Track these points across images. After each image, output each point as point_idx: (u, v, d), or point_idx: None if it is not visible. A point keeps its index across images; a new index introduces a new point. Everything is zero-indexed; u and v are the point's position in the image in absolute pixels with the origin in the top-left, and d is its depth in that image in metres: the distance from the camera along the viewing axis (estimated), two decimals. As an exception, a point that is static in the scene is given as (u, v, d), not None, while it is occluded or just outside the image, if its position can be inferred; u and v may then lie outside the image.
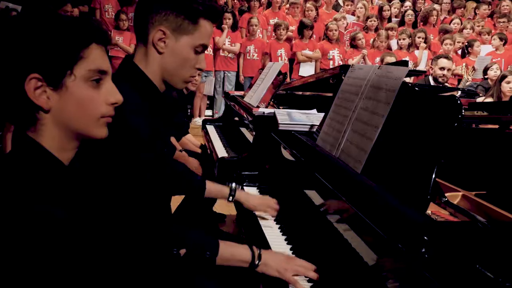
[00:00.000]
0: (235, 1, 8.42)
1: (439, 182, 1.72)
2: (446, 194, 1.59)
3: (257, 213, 2.09)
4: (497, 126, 2.27)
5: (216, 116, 7.13)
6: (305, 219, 1.92)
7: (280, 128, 2.43)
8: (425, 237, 1.05)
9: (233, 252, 1.51)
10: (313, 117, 2.49)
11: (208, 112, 7.73)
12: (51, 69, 0.99)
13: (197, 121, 7.07)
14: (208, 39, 1.56)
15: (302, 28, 7.15)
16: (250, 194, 2.17)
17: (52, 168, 1.03)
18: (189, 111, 7.34)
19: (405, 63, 2.87)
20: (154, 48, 1.50)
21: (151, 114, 1.52)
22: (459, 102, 1.23)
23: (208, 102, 7.77)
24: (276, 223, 2.00)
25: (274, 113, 2.60)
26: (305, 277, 1.49)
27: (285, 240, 1.84)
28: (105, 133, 1.11)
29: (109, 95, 1.09)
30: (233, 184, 2.11)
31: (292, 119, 2.45)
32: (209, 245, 1.49)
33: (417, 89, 1.46)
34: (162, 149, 1.70)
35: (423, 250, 1.02)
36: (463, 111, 1.22)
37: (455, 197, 1.60)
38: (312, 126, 2.39)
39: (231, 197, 2.09)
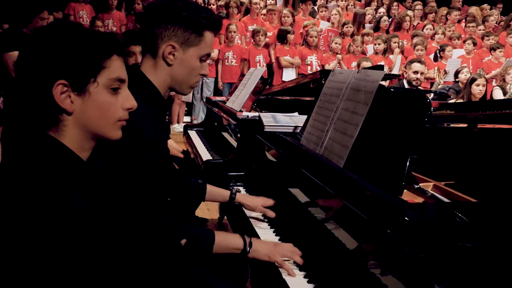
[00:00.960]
0: (213, 7, 8.55)
1: (414, 174, 1.89)
2: (420, 184, 1.76)
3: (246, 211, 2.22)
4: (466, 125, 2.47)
5: (194, 122, 7.23)
6: (290, 213, 2.07)
7: (265, 129, 2.57)
8: (399, 216, 1.21)
9: (227, 240, 1.67)
10: (296, 119, 2.64)
11: (187, 119, 7.82)
12: (77, 76, 1.12)
13: (176, 127, 7.17)
14: (211, 48, 1.73)
15: (286, 33, 7.31)
16: (250, 196, 2.26)
17: (74, 164, 1.15)
18: (167, 117, 7.44)
19: (380, 67, 3.05)
20: (164, 61, 1.65)
21: (155, 119, 1.65)
22: (428, 100, 1.40)
23: (186, 108, 7.88)
24: (265, 218, 2.14)
25: (259, 116, 2.74)
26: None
27: (274, 232, 1.98)
28: (120, 135, 1.24)
29: (126, 101, 1.22)
30: (235, 188, 2.24)
31: (276, 121, 2.60)
32: (206, 236, 1.65)
33: (392, 90, 1.62)
34: (165, 152, 1.84)
35: (398, 226, 1.18)
36: (431, 108, 1.38)
37: (427, 186, 1.76)
38: (295, 127, 2.54)
39: (232, 199, 2.20)
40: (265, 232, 1.99)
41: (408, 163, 1.37)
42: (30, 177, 1.07)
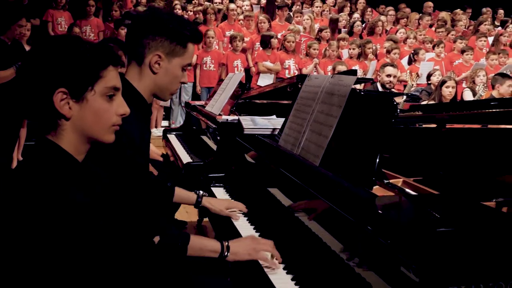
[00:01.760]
0: (191, 13, 8.65)
1: (385, 172, 2.02)
2: (390, 180, 1.89)
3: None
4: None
5: (172, 126, 7.29)
6: (269, 211, 2.18)
7: (245, 132, 2.69)
8: (369, 208, 1.33)
9: (203, 243, 1.71)
10: (275, 121, 2.76)
11: (165, 123, 7.87)
12: (76, 85, 1.23)
13: (154, 132, 7.22)
14: (192, 58, 1.86)
15: (270, 38, 7.44)
16: (216, 199, 2.34)
17: (71, 165, 1.25)
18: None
19: (354, 72, 3.19)
20: (149, 69, 1.75)
21: (140, 124, 1.75)
22: (394, 102, 1.53)
23: (164, 113, 7.94)
24: (244, 216, 2.24)
25: (238, 119, 2.85)
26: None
27: (254, 229, 2.09)
28: (113, 138, 1.34)
29: (119, 107, 1.33)
30: (201, 192, 2.31)
31: (255, 124, 2.72)
32: (181, 236, 1.70)
33: (362, 93, 1.75)
34: (147, 155, 1.94)
35: (368, 217, 1.31)
36: (398, 110, 1.52)
37: (397, 182, 1.89)
38: (274, 129, 2.66)
39: (198, 203, 2.27)
40: (245, 229, 2.09)
41: (377, 160, 1.49)
42: (32, 178, 1.16)
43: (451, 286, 1.13)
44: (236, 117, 3.04)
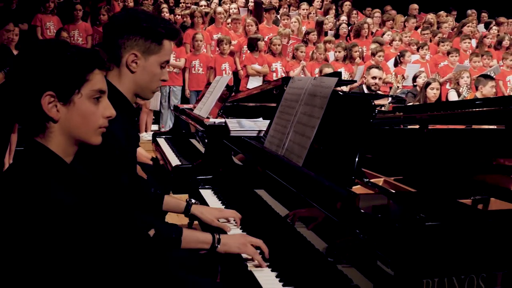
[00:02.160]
0: (178, 17, 8.69)
1: (367, 172, 2.08)
2: (372, 180, 1.95)
3: None
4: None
5: (162, 130, 7.32)
6: (256, 212, 2.23)
7: (231, 134, 2.74)
8: (349, 206, 1.39)
9: (196, 235, 1.80)
10: (260, 123, 2.81)
11: (155, 127, 7.90)
12: (64, 88, 1.27)
13: (144, 135, 7.25)
14: (170, 55, 1.90)
15: (257, 41, 7.50)
16: (206, 208, 2.30)
17: (59, 166, 1.29)
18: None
19: (338, 74, 3.25)
20: (127, 69, 1.80)
21: (125, 125, 1.80)
22: (373, 103, 1.59)
23: (153, 117, 7.97)
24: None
25: (225, 122, 2.90)
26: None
27: (241, 229, 2.14)
28: (100, 140, 1.39)
29: (106, 110, 1.37)
30: (192, 200, 2.28)
31: (242, 126, 2.77)
32: (174, 229, 1.79)
33: (341, 93, 1.81)
34: (133, 157, 1.98)
35: (348, 214, 1.36)
36: (376, 111, 1.57)
37: (378, 181, 1.95)
38: (259, 131, 2.71)
39: (187, 211, 2.23)
40: (233, 231, 2.14)
41: (357, 160, 1.55)
42: (21, 179, 1.21)
43: (425, 279, 1.19)
44: (223, 120, 3.08)
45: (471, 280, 1.23)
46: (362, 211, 1.38)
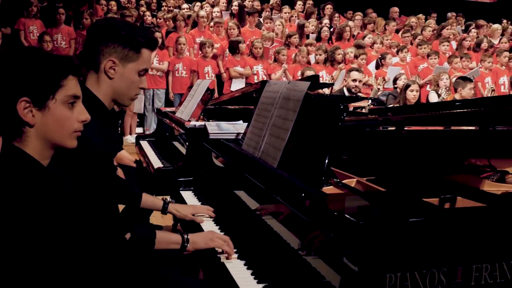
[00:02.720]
0: (161, 21, 8.72)
1: (342, 172, 2.15)
2: (345, 180, 2.02)
3: None
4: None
5: (147, 132, 7.35)
6: (235, 212, 2.28)
7: (210, 137, 2.79)
8: (319, 205, 1.45)
9: (167, 237, 1.89)
10: (239, 126, 2.87)
11: (139, 130, 7.92)
12: (38, 94, 1.32)
13: (129, 138, 7.26)
14: (148, 64, 1.94)
15: (237, 44, 7.56)
16: (182, 206, 2.42)
17: (36, 169, 1.34)
18: (119, 129, 7.54)
19: (315, 78, 3.32)
20: (106, 75, 1.84)
21: (102, 130, 1.84)
22: (341, 106, 1.65)
23: (138, 120, 7.99)
24: (212, 219, 2.34)
25: (204, 125, 2.95)
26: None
27: (219, 229, 2.19)
28: (76, 144, 1.44)
29: (80, 114, 1.42)
30: (168, 198, 2.41)
31: (220, 129, 2.82)
32: (148, 232, 1.87)
33: (313, 97, 1.87)
34: (111, 159, 2.03)
35: (317, 213, 1.42)
36: (344, 113, 1.64)
37: (351, 182, 2.01)
38: (238, 134, 2.77)
39: (164, 209, 2.36)
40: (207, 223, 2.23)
41: (326, 161, 1.61)
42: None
43: (388, 273, 1.25)
44: (203, 123, 3.13)
45: (433, 274, 1.29)
46: (329, 209, 1.44)
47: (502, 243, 1.38)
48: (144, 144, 4.46)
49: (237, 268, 1.74)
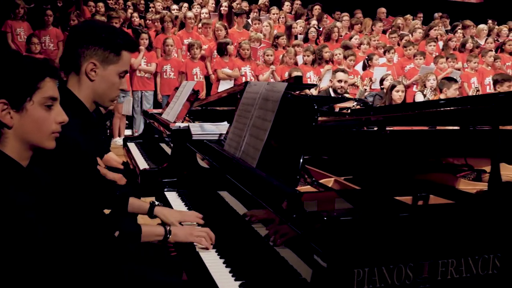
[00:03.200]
0: (149, 22, 8.74)
1: (320, 172, 2.19)
2: (323, 180, 2.06)
3: None
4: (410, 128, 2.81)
5: (136, 134, 7.36)
6: (216, 211, 2.32)
7: (193, 138, 2.83)
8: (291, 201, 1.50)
9: (151, 230, 1.99)
10: (222, 127, 2.91)
11: (128, 132, 7.93)
12: (16, 96, 1.35)
13: (117, 141, 7.27)
14: (128, 65, 2.00)
15: (226, 45, 7.59)
16: (169, 210, 2.39)
17: (15, 169, 1.37)
18: (108, 131, 7.56)
19: (297, 79, 3.36)
20: (86, 77, 1.88)
21: (82, 129, 1.87)
22: (315, 107, 1.70)
23: (127, 122, 8.00)
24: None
25: (188, 126, 2.99)
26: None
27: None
28: (54, 145, 1.47)
29: (58, 116, 1.46)
30: (156, 202, 2.41)
31: (203, 130, 2.87)
32: (134, 228, 1.96)
33: (291, 98, 1.91)
34: (94, 160, 2.06)
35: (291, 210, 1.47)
36: (318, 114, 1.68)
37: (329, 181, 2.06)
38: (220, 134, 2.81)
39: (150, 212, 2.34)
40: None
41: (301, 161, 1.66)
42: None
43: (356, 269, 1.29)
44: (187, 124, 3.17)
45: (400, 269, 1.34)
46: (302, 207, 1.48)
47: (467, 239, 1.43)
48: (132, 146, 4.49)
49: (216, 266, 1.77)
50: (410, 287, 1.34)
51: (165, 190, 2.90)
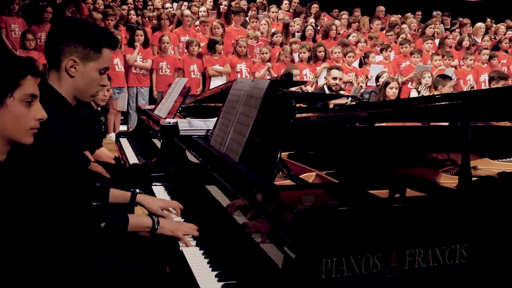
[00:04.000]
0: (146, 19, 8.77)
1: (303, 166, 2.23)
2: (305, 174, 2.09)
3: None
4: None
5: (131, 130, 7.39)
6: (202, 205, 2.35)
7: (181, 133, 2.87)
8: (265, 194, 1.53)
9: (139, 221, 2.01)
10: (210, 123, 2.93)
11: (123, 128, 7.97)
12: None
13: (112, 136, 7.32)
14: (109, 62, 2.02)
15: (214, 44, 7.63)
16: (152, 198, 2.44)
17: None
18: (103, 127, 7.61)
19: (288, 76, 3.39)
20: (67, 73, 1.91)
21: (64, 123, 1.90)
22: (293, 104, 1.73)
23: (122, 118, 8.04)
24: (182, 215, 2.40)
25: (176, 122, 3.03)
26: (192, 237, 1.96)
27: (182, 219, 2.27)
28: (32, 140, 1.51)
29: (37, 112, 1.50)
30: (137, 190, 2.44)
31: (191, 126, 2.90)
32: (122, 218, 1.97)
33: (274, 96, 1.94)
34: (77, 153, 2.09)
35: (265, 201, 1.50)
36: (296, 111, 1.72)
37: (311, 175, 2.09)
38: (208, 130, 2.84)
39: (132, 200, 2.39)
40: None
41: (278, 156, 1.69)
42: None
43: (324, 258, 1.32)
44: (176, 120, 3.20)
45: (367, 259, 1.37)
46: (276, 200, 1.51)
47: (435, 230, 1.46)
48: (124, 141, 4.51)
49: (195, 258, 1.80)
50: (377, 275, 1.38)
51: (153, 184, 2.93)
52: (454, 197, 1.65)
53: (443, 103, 1.71)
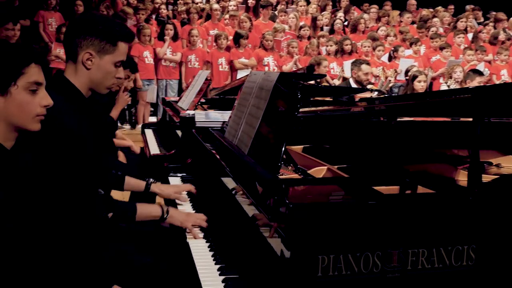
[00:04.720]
0: (176, 13, 8.85)
1: (316, 160, 2.20)
2: (316, 168, 2.07)
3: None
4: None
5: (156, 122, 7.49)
6: (216, 197, 2.35)
7: (197, 125, 2.89)
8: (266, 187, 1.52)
9: (148, 209, 2.07)
10: (226, 115, 2.93)
11: (153, 119, 8.07)
12: (1, 81, 1.40)
13: (140, 127, 7.43)
14: (124, 56, 2.04)
15: (239, 38, 7.66)
16: (165, 185, 2.59)
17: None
18: (133, 118, 7.73)
19: (310, 68, 3.36)
20: (83, 66, 1.95)
21: (76, 114, 1.93)
22: (299, 96, 1.70)
23: (152, 109, 8.14)
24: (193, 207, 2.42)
25: (194, 114, 3.04)
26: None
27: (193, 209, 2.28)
28: (39, 127, 1.53)
29: (42, 99, 1.51)
30: (151, 179, 2.54)
31: (208, 118, 2.91)
32: (129, 207, 2.04)
33: (282, 88, 1.92)
34: (91, 143, 2.11)
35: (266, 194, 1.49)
36: (300, 103, 1.69)
37: (322, 170, 2.06)
38: (224, 122, 2.84)
39: (147, 189, 2.49)
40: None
41: (283, 149, 1.67)
42: None
43: (320, 255, 1.30)
44: (200, 112, 3.23)
45: (367, 257, 1.34)
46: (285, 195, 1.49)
47: (440, 230, 1.42)
48: (148, 132, 4.57)
49: (200, 250, 1.81)
50: (377, 275, 1.35)
51: (170, 175, 2.95)
52: (463, 195, 1.60)
53: (453, 97, 1.66)
